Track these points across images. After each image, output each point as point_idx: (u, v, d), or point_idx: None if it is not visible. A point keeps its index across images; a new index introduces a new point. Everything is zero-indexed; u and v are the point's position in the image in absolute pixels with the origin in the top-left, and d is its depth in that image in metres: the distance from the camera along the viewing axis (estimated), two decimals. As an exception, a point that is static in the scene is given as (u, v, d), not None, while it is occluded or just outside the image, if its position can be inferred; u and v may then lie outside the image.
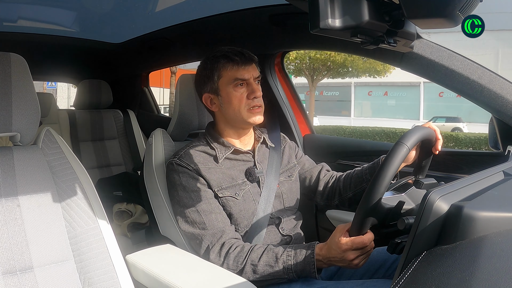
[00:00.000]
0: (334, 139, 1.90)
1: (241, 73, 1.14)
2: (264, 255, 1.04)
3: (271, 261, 1.03)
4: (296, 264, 1.01)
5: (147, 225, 1.97)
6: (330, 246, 0.99)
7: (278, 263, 1.02)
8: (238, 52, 1.16)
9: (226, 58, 1.15)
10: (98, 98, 2.67)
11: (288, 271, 1.01)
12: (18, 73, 0.92)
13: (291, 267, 1.01)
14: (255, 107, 1.15)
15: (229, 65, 1.14)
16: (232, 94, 1.15)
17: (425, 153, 1.08)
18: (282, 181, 1.26)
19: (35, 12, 1.77)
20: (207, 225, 1.10)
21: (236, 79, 1.14)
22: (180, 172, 1.15)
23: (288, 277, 1.02)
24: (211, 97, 1.20)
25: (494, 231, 0.56)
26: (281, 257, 1.02)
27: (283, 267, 1.01)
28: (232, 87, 1.15)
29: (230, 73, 1.14)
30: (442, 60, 1.14)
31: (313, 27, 0.71)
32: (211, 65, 1.17)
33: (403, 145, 0.89)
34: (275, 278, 1.03)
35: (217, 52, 1.17)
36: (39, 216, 0.91)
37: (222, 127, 1.22)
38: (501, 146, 1.24)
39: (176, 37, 2.02)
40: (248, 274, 1.04)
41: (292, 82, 1.91)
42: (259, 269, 1.03)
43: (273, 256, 1.03)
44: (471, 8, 0.75)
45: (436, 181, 0.99)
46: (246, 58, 1.15)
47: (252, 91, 1.15)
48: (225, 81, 1.15)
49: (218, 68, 1.15)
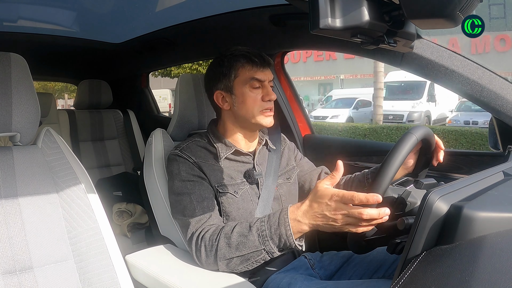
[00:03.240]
0: (334, 139, 1.90)
1: (259, 75, 1.15)
2: (237, 226, 1.00)
3: (245, 230, 0.98)
4: (270, 227, 0.95)
5: (147, 225, 1.97)
6: (311, 199, 0.92)
7: (251, 231, 0.97)
8: (257, 54, 1.16)
9: (245, 58, 1.15)
10: (98, 98, 2.67)
11: (264, 238, 0.95)
12: (18, 73, 0.92)
13: (265, 233, 0.95)
14: (268, 109, 1.16)
15: (248, 66, 1.15)
16: (247, 94, 1.15)
17: (423, 162, 1.09)
18: (281, 183, 1.26)
19: (35, 12, 1.76)
20: (197, 211, 1.07)
21: (253, 79, 1.14)
22: (180, 162, 1.15)
23: (265, 249, 0.95)
24: (224, 95, 1.19)
25: (493, 231, 0.56)
26: (255, 225, 0.98)
27: (257, 234, 0.96)
28: (248, 88, 1.15)
29: (249, 73, 1.15)
30: (442, 60, 1.14)
31: (313, 27, 0.71)
32: (229, 63, 1.16)
33: (412, 135, 0.91)
34: (253, 252, 0.96)
35: (235, 51, 1.17)
36: (39, 216, 0.91)
37: (228, 126, 1.22)
38: (501, 146, 1.24)
39: (176, 37, 2.02)
40: (223, 251, 0.98)
41: (292, 82, 1.91)
42: (233, 241, 0.97)
43: (246, 226, 0.99)
44: (471, 8, 0.75)
45: (436, 181, 0.99)
46: (264, 61, 1.17)
47: (267, 93, 1.16)
48: (242, 81, 1.15)
49: (237, 67, 1.16)
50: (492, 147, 1.30)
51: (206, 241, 1.02)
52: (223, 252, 0.99)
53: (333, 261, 1.24)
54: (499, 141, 1.24)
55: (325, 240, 1.67)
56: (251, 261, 0.98)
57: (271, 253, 0.97)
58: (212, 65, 1.22)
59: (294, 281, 1.08)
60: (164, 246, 1.21)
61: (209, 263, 1.01)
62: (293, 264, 1.20)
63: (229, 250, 0.98)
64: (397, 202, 0.92)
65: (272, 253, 0.97)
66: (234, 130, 1.22)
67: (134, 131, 2.73)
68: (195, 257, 1.04)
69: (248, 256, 0.98)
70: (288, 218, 0.94)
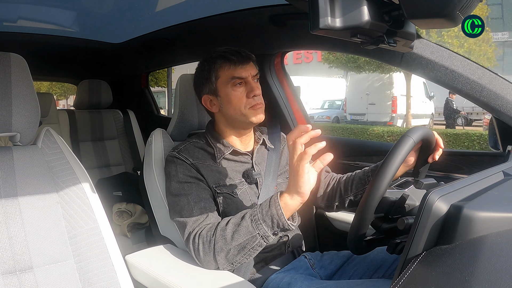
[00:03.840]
0: (334, 139, 1.90)
1: (238, 72, 1.14)
2: (232, 218, 1.02)
3: (238, 220, 1.00)
4: (261, 211, 0.97)
5: (147, 225, 1.97)
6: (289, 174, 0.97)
7: (244, 218, 0.99)
8: (234, 51, 1.15)
9: (222, 58, 1.14)
10: (98, 98, 2.67)
11: (257, 222, 0.96)
12: (18, 73, 0.92)
13: (257, 216, 0.97)
14: (256, 105, 1.15)
15: (226, 65, 1.14)
16: (231, 93, 1.14)
17: (423, 159, 1.09)
18: (280, 183, 1.26)
19: (35, 12, 1.76)
20: (194, 212, 1.08)
21: (233, 78, 1.13)
22: (177, 164, 1.15)
23: (259, 233, 0.97)
24: (211, 99, 1.19)
25: (493, 231, 0.56)
26: (248, 213, 1.00)
27: (250, 220, 0.98)
28: (231, 87, 1.14)
29: (228, 72, 1.14)
30: (442, 60, 1.14)
31: (313, 27, 0.71)
32: (208, 66, 1.16)
33: (409, 138, 0.91)
34: (247, 238, 0.97)
35: (214, 53, 1.17)
36: (39, 216, 0.91)
37: (222, 128, 1.22)
38: (501, 146, 1.24)
39: (176, 37, 2.02)
40: (220, 243, 0.99)
41: (292, 82, 1.91)
42: (228, 232, 0.99)
43: (240, 216, 1.01)
44: (471, 8, 0.75)
45: (436, 181, 0.99)
46: (243, 57, 1.15)
47: (251, 89, 1.14)
48: (223, 81, 1.15)
49: (216, 69, 1.15)
50: (492, 147, 1.30)
51: (204, 238, 1.02)
52: (220, 245, 0.99)
53: (333, 261, 1.24)
54: (499, 141, 1.24)
55: (325, 240, 1.67)
56: (247, 249, 0.98)
57: (265, 237, 0.97)
58: (196, 71, 1.22)
59: (294, 281, 1.08)
60: (164, 246, 1.21)
61: (208, 260, 1.01)
62: (293, 264, 1.20)
63: (225, 242, 0.99)
64: (396, 205, 0.92)
65: (267, 236, 0.97)
66: (227, 132, 1.22)
67: (134, 131, 2.72)
68: (194, 256, 1.04)
69: (244, 243, 0.98)
70: (278, 198, 0.96)
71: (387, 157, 0.90)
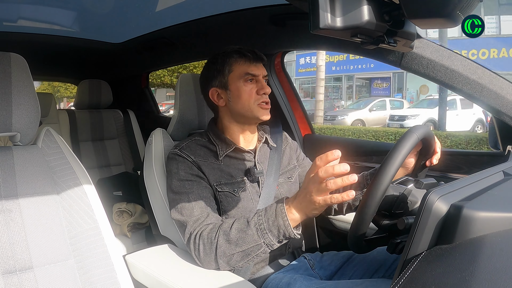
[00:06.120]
0: (334, 139, 1.90)
1: (252, 69, 1.16)
2: (236, 222, 1.01)
3: (243, 226, 0.99)
4: (267, 220, 0.96)
5: (147, 225, 1.97)
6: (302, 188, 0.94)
7: (249, 226, 0.98)
8: (250, 49, 1.18)
9: (238, 53, 1.17)
10: (98, 98, 2.67)
11: (262, 232, 0.96)
12: (18, 73, 0.92)
13: (263, 226, 0.96)
14: (264, 103, 1.17)
15: (241, 60, 1.17)
16: (242, 88, 1.16)
17: (422, 163, 1.10)
18: (281, 183, 1.26)
19: (35, 12, 1.77)
20: (195, 211, 1.07)
21: (247, 74, 1.16)
22: (179, 161, 1.15)
23: (264, 241, 0.97)
24: (219, 92, 1.20)
25: (493, 231, 0.56)
26: (252, 219, 0.99)
27: (255, 228, 0.97)
28: (243, 82, 1.16)
29: (242, 68, 1.16)
30: (442, 60, 1.14)
31: (313, 27, 0.71)
32: (222, 59, 1.18)
33: (413, 133, 0.91)
34: (253, 246, 0.97)
35: (228, 49, 1.19)
36: (39, 216, 0.91)
37: (226, 123, 1.22)
38: (501, 146, 1.24)
39: (176, 37, 2.02)
40: (223, 248, 0.99)
41: (292, 82, 1.91)
42: (232, 237, 0.98)
43: (244, 221, 1.00)
44: (471, 8, 0.76)
45: (436, 181, 0.99)
46: (257, 56, 1.18)
47: (262, 87, 1.17)
48: (236, 75, 1.16)
49: (230, 63, 1.17)
50: (492, 147, 1.30)
51: (205, 240, 1.02)
52: (223, 250, 0.99)
53: (333, 261, 1.24)
54: (499, 141, 1.24)
55: (325, 240, 1.68)
56: (252, 255, 0.99)
57: (270, 245, 0.98)
58: (207, 65, 1.23)
59: (293, 281, 1.08)
60: (164, 246, 1.21)
61: (208, 261, 1.01)
62: (293, 264, 1.20)
63: (229, 247, 0.99)
64: (398, 200, 0.92)
65: (272, 245, 0.98)
66: (231, 127, 1.22)
67: (134, 131, 2.73)
68: (195, 256, 1.04)
69: (248, 251, 0.98)
70: (285, 208, 0.95)
71: (391, 152, 0.89)
